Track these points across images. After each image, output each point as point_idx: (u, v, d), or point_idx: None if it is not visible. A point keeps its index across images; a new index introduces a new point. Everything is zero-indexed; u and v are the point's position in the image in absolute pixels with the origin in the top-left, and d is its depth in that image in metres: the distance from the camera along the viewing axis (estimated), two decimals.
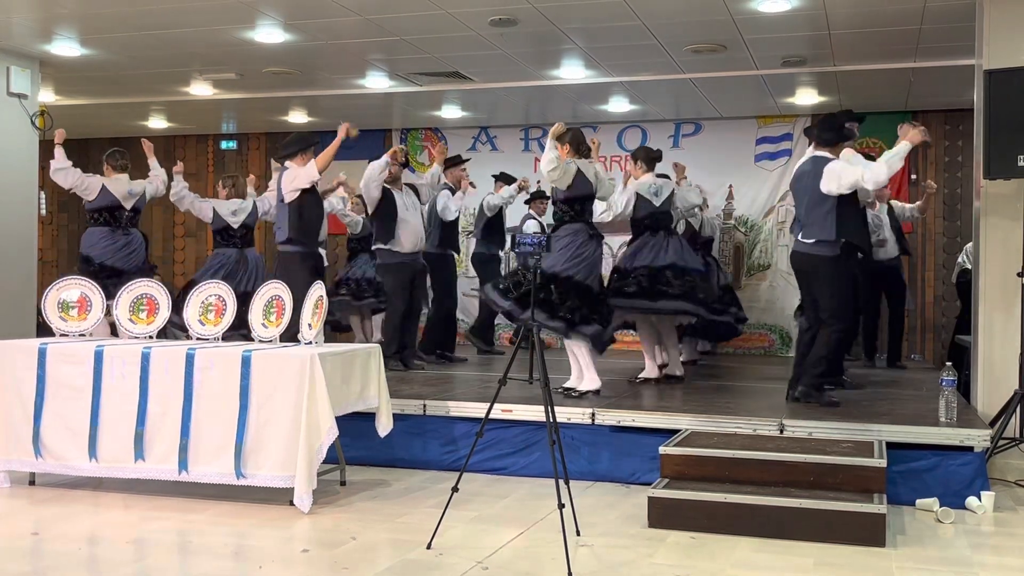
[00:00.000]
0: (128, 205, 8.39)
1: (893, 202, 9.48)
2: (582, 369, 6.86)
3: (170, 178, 8.76)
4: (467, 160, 9.90)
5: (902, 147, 6.19)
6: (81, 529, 5.00)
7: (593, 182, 6.90)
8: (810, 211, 6.39)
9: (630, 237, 7.81)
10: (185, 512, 5.26)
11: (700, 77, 9.48)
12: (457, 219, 9.36)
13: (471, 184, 9.83)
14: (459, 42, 8.35)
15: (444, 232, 9.25)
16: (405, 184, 8.49)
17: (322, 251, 8.56)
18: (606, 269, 7.43)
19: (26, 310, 8.89)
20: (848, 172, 6.26)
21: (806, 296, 6.71)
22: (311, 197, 7.58)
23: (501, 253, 10.13)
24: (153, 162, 8.77)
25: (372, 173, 8.05)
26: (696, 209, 8.82)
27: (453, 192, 9.29)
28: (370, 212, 8.31)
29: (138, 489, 5.68)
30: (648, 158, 7.78)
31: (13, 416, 5.77)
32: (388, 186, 8.19)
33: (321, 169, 7.42)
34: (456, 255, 9.60)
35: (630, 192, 7.60)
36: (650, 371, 7.71)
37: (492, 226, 9.91)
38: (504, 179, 10.03)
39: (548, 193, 11.44)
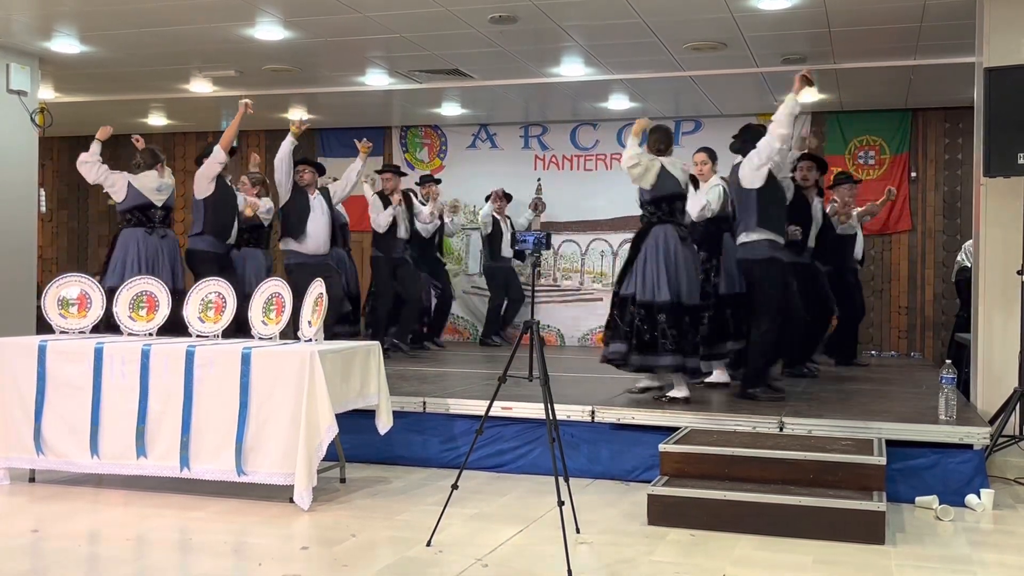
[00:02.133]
0: (159, 202, 7.84)
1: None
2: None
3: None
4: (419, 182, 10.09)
5: (787, 98, 6.53)
6: (81, 527, 4.99)
7: (681, 179, 6.55)
8: (740, 211, 6.61)
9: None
10: (185, 509, 5.26)
11: (700, 75, 9.48)
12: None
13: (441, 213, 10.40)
14: (459, 39, 8.34)
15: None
16: (318, 188, 8.44)
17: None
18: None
19: (26, 307, 8.89)
20: (756, 149, 6.50)
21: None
22: (223, 194, 7.77)
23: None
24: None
25: (284, 151, 8.06)
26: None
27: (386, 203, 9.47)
28: (281, 199, 8.25)
29: (137, 486, 5.68)
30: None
31: (13, 414, 5.77)
32: (303, 187, 8.25)
33: (224, 148, 7.63)
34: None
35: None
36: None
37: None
38: (422, 181, 10.54)
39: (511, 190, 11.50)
